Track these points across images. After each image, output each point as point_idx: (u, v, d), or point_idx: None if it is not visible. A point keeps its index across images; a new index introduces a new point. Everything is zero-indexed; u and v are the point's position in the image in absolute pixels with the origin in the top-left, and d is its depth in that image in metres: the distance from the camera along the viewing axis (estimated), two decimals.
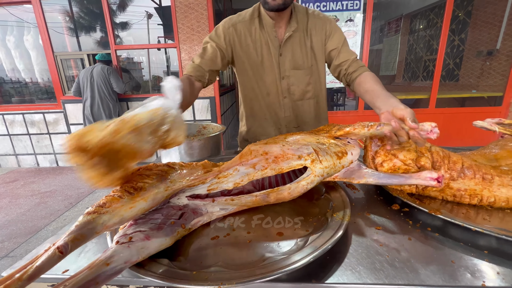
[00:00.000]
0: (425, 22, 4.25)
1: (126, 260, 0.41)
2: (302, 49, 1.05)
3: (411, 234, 0.54)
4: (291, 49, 1.05)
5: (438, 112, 3.16)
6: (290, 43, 1.04)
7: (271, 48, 1.04)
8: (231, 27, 1.03)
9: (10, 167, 4.05)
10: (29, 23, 3.74)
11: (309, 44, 1.05)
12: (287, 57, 1.05)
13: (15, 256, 1.92)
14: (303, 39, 1.04)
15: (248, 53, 1.06)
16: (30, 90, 4.21)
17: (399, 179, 0.60)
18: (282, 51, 1.04)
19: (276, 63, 1.06)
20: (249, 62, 1.07)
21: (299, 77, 1.08)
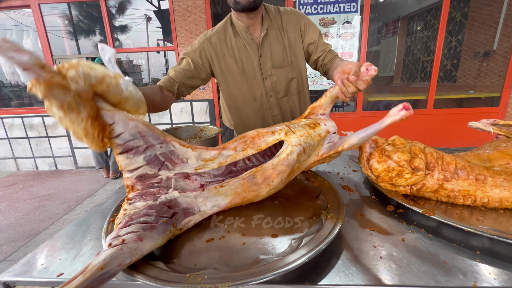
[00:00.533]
0: (422, 24, 4.27)
1: (119, 263, 0.41)
2: (280, 47, 1.05)
3: (405, 235, 0.54)
4: (269, 48, 1.05)
5: (436, 113, 3.17)
6: (268, 42, 1.04)
7: (250, 51, 1.04)
8: (205, 41, 1.04)
9: (9, 171, 4.04)
10: (28, 27, 3.75)
11: (286, 41, 1.06)
12: (267, 57, 1.06)
13: (13, 260, 1.91)
14: (280, 37, 1.05)
15: (226, 63, 1.05)
16: (29, 93, 4.20)
17: (375, 127, 0.60)
18: (261, 52, 1.05)
19: (257, 65, 1.06)
20: (229, 72, 1.07)
21: (281, 74, 1.09)
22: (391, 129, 2.38)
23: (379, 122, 0.59)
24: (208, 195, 0.62)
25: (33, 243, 2.11)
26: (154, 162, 0.61)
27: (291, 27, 1.05)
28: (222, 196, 0.62)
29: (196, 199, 0.62)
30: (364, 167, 0.73)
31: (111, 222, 0.60)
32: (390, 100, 3.75)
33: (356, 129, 0.89)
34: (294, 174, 0.69)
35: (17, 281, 0.47)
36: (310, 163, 0.71)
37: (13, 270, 0.49)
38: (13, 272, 0.49)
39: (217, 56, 1.05)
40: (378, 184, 0.70)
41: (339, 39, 2.96)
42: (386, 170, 0.66)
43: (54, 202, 2.88)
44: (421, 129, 3.21)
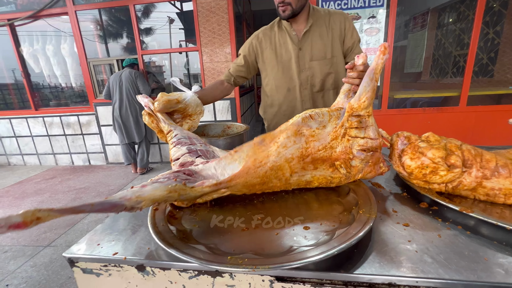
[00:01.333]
0: (454, 16, 4.01)
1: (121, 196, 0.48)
2: (323, 41, 1.15)
3: (441, 232, 0.54)
4: (310, 42, 1.15)
5: (470, 110, 2.97)
6: (310, 36, 1.15)
7: (290, 44, 1.16)
8: (254, 38, 1.23)
9: (49, 165, 4.42)
10: (65, 32, 4.06)
11: (330, 37, 1.15)
12: (306, 50, 1.16)
13: (56, 245, 2.11)
14: (325, 33, 1.15)
15: (267, 55, 1.20)
16: (66, 94, 4.57)
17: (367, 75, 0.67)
18: (301, 46, 1.15)
19: (296, 57, 1.16)
20: (268, 63, 1.21)
21: (318, 68, 1.18)
22: (419, 128, 2.36)
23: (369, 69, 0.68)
24: (225, 163, 0.67)
25: (72, 231, 2.30)
26: (193, 152, 0.72)
27: (337, 26, 1.15)
28: (237, 162, 0.66)
29: (216, 169, 0.67)
30: (395, 163, 0.72)
31: (154, 210, 0.65)
32: (418, 98, 3.58)
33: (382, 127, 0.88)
34: (310, 143, 0.68)
35: (80, 257, 0.54)
36: (329, 133, 0.69)
37: (75, 249, 0.56)
38: (75, 250, 0.55)
39: (261, 49, 1.22)
40: (411, 181, 0.70)
41: (363, 35, 2.88)
42: (419, 167, 0.66)
43: (89, 194, 3.11)
44: (452, 128, 3.03)
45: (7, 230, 0.35)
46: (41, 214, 0.38)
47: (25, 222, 0.36)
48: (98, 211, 0.45)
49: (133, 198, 0.50)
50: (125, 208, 0.49)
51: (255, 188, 0.69)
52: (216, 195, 0.69)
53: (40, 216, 0.38)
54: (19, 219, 0.36)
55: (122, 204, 0.48)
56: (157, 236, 0.53)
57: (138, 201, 0.51)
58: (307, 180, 0.71)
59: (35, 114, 4.18)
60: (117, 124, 3.50)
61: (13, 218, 0.35)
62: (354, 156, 0.68)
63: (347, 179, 0.70)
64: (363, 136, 0.68)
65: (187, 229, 0.60)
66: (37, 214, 0.38)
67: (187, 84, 4.75)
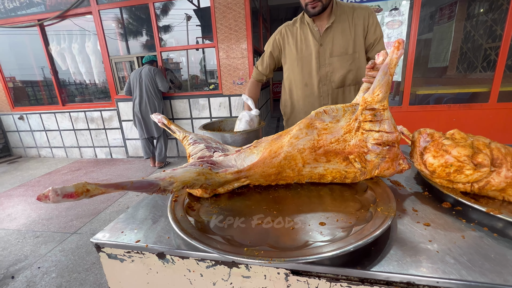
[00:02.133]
0: (486, 5, 3.73)
1: (156, 177, 0.54)
2: (344, 37, 1.14)
3: (465, 233, 0.52)
4: (332, 38, 1.14)
5: (501, 107, 2.78)
6: (331, 33, 1.14)
7: (312, 40, 1.16)
8: (278, 33, 1.25)
9: (75, 158, 4.69)
10: (89, 31, 4.25)
11: (353, 33, 1.13)
12: (327, 46, 1.15)
13: (81, 233, 2.25)
14: (348, 29, 1.13)
15: (289, 50, 1.21)
16: (90, 90, 4.80)
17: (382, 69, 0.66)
18: (322, 41, 1.15)
19: (316, 52, 1.16)
20: (289, 57, 1.22)
21: (338, 64, 1.17)
22: (444, 126, 2.26)
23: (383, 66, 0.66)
24: (244, 156, 0.73)
25: (96, 220, 2.44)
26: (210, 148, 0.76)
27: (360, 21, 1.14)
28: (255, 154, 0.72)
29: (236, 161, 0.72)
30: (417, 161, 0.70)
31: (173, 201, 0.68)
32: (442, 93, 3.39)
33: (403, 125, 0.86)
34: (322, 135, 0.69)
35: (106, 243, 0.57)
36: (342, 127, 0.70)
37: (102, 235, 0.60)
38: (101, 236, 0.59)
39: (284, 44, 1.24)
40: (433, 180, 0.67)
41: (385, 28, 2.76)
42: (443, 165, 0.63)
43: None
44: (481, 126, 2.85)
45: (62, 198, 0.39)
46: (90, 187, 0.43)
47: (77, 192, 0.41)
48: (136, 188, 0.50)
49: (167, 178, 0.54)
50: (159, 188, 0.53)
51: (270, 177, 0.71)
52: (237, 183, 0.72)
53: (89, 188, 0.43)
54: (72, 189, 0.41)
55: (157, 183, 0.52)
56: (176, 226, 0.55)
57: (170, 181, 0.54)
58: (320, 173, 0.70)
59: (63, 110, 4.43)
60: (137, 119, 3.63)
61: (68, 188, 0.40)
62: (369, 150, 0.66)
63: (362, 174, 0.69)
64: (378, 129, 0.66)
65: (204, 221, 0.62)
66: (87, 186, 0.43)
67: (203, 80, 4.82)
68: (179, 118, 4.02)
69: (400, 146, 1.02)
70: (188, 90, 4.53)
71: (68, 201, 0.41)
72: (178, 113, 3.99)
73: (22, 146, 4.89)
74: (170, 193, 0.56)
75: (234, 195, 0.74)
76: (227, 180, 0.65)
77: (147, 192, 0.51)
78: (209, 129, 1.17)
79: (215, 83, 4.19)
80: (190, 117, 3.97)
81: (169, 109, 3.99)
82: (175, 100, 3.93)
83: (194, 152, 0.83)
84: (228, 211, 0.66)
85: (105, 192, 0.46)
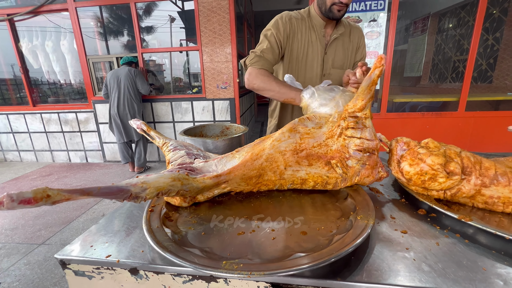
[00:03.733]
0: (455, 21, 4.03)
1: (127, 183, 0.50)
2: (344, 51, 1.16)
3: (439, 240, 0.53)
4: (335, 49, 1.15)
5: (469, 116, 2.98)
6: (335, 44, 1.14)
7: (318, 46, 1.13)
8: (288, 21, 1.09)
9: (46, 162, 4.39)
10: (65, 29, 4.03)
11: (350, 49, 1.17)
12: (330, 56, 1.15)
13: (50, 243, 2.09)
14: (347, 43, 1.16)
15: (295, 46, 1.12)
16: (65, 91, 4.54)
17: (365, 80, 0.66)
18: (327, 50, 1.14)
19: (321, 60, 1.14)
20: (295, 56, 1.13)
21: (337, 76, 1.17)
22: (418, 132, 2.36)
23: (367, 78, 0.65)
24: (225, 161, 0.72)
25: (67, 229, 2.28)
26: (191, 155, 0.74)
27: (355, 39, 1.17)
28: (236, 158, 0.71)
29: (217, 166, 0.71)
30: (394, 169, 0.72)
31: (149, 211, 0.64)
32: (417, 102, 3.59)
33: (381, 131, 0.89)
34: (304, 139, 0.70)
35: (72, 259, 0.53)
36: (324, 132, 0.72)
37: (68, 250, 0.55)
38: (68, 252, 0.54)
39: (293, 37, 1.11)
40: (409, 187, 0.69)
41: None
42: (418, 173, 0.65)
43: None
44: (451, 133, 3.04)
45: (18, 204, 0.35)
46: (51, 192, 0.39)
47: (35, 197, 0.37)
48: (104, 194, 0.46)
49: (139, 184, 0.51)
50: (130, 194, 0.49)
51: (251, 180, 0.70)
52: (217, 190, 0.70)
53: (50, 194, 0.39)
54: (30, 195, 0.36)
55: (128, 189, 0.48)
56: (151, 238, 0.52)
57: (143, 188, 0.51)
58: (302, 177, 0.70)
59: (33, 111, 4.15)
60: (114, 122, 3.48)
61: (25, 194, 0.36)
62: (350, 156, 0.68)
63: (343, 180, 0.70)
64: (359, 136, 0.67)
65: (182, 232, 0.59)
66: (47, 192, 0.38)
67: (187, 83, 4.74)
68: (161, 122, 3.90)
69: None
70: (171, 93, 4.43)
71: (25, 208, 0.37)
72: (160, 116, 3.88)
73: None
74: (143, 200, 0.52)
75: (215, 203, 0.71)
76: (206, 185, 0.62)
77: (117, 198, 0.48)
78: (190, 134, 1.14)
79: (198, 87, 4.13)
80: (172, 121, 3.87)
81: (150, 112, 3.87)
82: (157, 103, 3.82)
83: (173, 159, 0.80)
84: (208, 221, 0.63)
85: (69, 198, 0.42)
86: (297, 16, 1.12)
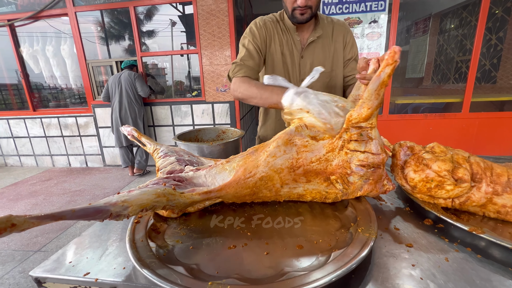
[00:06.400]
0: (457, 21, 3.98)
1: (106, 202, 0.46)
2: (324, 54, 1.08)
3: (448, 254, 0.49)
4: (312, 53, 1.08)
5: (473, 117, 2.92)
6: (313, 47, 1.08)
7: (294, 50, 1.08)
8: (262, 26, 1.06)
9: (46, 166, 4.37)
10: (65, 33, 4.04)
11: (332, 50, 1.09)
12: (308, 60, 1.08)
13: (46, 250, 2.05)
14: (327, 45, 1.09)
15: (274, 49, 1.08)
16: (65, 95, 4.54)
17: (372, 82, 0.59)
18: (303, 54, 1.08)
19: (297, 64, 1.09)
20: (275, 59, 1.09)
21: (317, 80, 1.08)
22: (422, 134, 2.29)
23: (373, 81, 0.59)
24: (215, 172, 0.66)
25: (64, 236, 2.25)
26: (181, 161, 0.70)
27: (340, 37, 1.09)
28: (227, 171, 0.65)
29: (206, 178, 0.66)
30: (397, 176, 0.67)
31: (135, 223, 0.60)
32: (419, 103, 3.53)
33: (383, 133, 0.83)
34: (301, 153, 0.63)
35: (47, 277, 0.49)
36: (324, 145, 0.64)
37: (44, 266, 0.51)
38: (44, 268, 0.50)
39: (269, 40, 1.08)
40: (414, 195, 0.64)
41: (365, 39, 2.85)
42: (423, 180, 0.60)
43: (84, 197, 3.06)
44: (455, 135, 2.97)
45: None
46: (16, 221, 0.35)
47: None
48: (80, 217, 0.42)
49: (119, 203, 0.46)
50: (111, 214, 0.45)
51: (245, 198, 0.66)
52: (208, 202, 0.66)
53: (16, 222, 0.35)
54: None
55: (107, 209, 0.44)
56: (132, 254, 0.48)
57: (124, 206, 0.47)
58: (299, 193, 0.66)
59: (33, 115, 4.15)
60: (116, 126, 3.46)
61: None
62: (352, 171, 0.62)
63: (344, 195, 0.65)
64: (364, 150, 0.61)
65: (169, 246, 0.55)
66: (12, 221, 0.34)
67: (188, 86, 4.73)
68: (161, 125, 3.88)
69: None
70: (171, 96, 4.41)
71: None
72: (160, 120, 3.86)
73: None
74: (126, 218, 0.48)
75: (206, 213, 0.67)
76: (194, 201, 0.58)
77: (95, 220, 0.44)
78: (185, 139, 1.10)
79: (198, 90, 4.11)
80: (172, 124, 3.85)
81: (150, 115, 3.84)
82: (157, 107, 3.80)
83: (163, 166, 0.76)
84: (198, 233, 0.59)
85: (38, 224, 0.38)
86: (272, 19, 1.09)
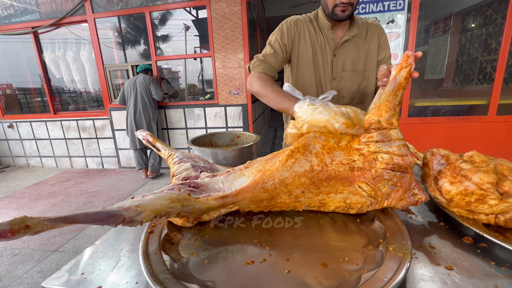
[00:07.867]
0: (480, 20, 3.78)
1: (119, 206, 0.44)
2: (358, 53, 1.07)
3: (497, 281, 0.43)
4: (346, 52, 1.07)
5: (501, 120, 2.74)
6: (346, 46, 1.06)
7: (327, 49, 1.07)
8: (292, 25, 1.07)
9: (65, 167, 4.53)
10: (85, 39, 4.20)
11: (366, 50, 1.07)
12: (340, 60, 1.07)
13: (63, 251, 2.09)
14: (362, 45, 1.07)
15: (304, 48, 1.08)
16: (83, 99, 4.70)
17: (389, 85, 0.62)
18: (336, 53, 1.06)
19: (330, 63, 1.07)
20: (302, 58, 1.09)
21: (350, 80, 1.09)
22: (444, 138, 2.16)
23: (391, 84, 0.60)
24: (233, 178, 0.63)
25: (80, 237, 2.29)
26: (197, 167, 0.69)
27: (374, 38, 1.08)
28: (245, 176, 0.62)
29: (224, 183, 0.63)
30: (430, 187, 0.61)
31: (148, 233, 0.58)
32: (440, 106, 3.37)
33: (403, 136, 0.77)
34: (321, 157, 0.60)
35: None
36: (344, 148, 0.60)
37: (57, 278, 0.49)
38: (56, 280, 0.49)
39: (299, 40, 1.08)
40: (450, 209, 0.58)
41: None
42: (462, 193, 0.54)
43: (100, 198, 3.13)
44: (481, 139, 2.80)
45: None
46: (30, 222, 0.34)
47: (12, 230, 0.32)
48: (93, 221, 0.40)
49: (132, 207, 0.44)
50: (124, 219, 0.43)
51: (262, 203, 0.62)
52: (224, 210, 0.63)
53: (30, 224, 0.34)
54: (6, 227, 0.32)
55: (120, 214, 0.42)
56: (146, 269, 0.45)
57: (138, 211, 0.45)
58: (320, 200, 0.61)
59: (54, 118, 4.32)
60: (130, 129, 3.53)
61: (1, 226, 0.32)
62: (377, 175, 0.57)
63: (370, 205, 0.60)
64: (387, 151, 0.57)
65: (183, 259, 0.52)
66: (26, 222, 0.34)
67: (201, 89, 4.77)
68: (174, 128, 3.92)
69: None
70: (185, 99, 4.46)
71: (3, 240, 0.32)
72: (173, 123, 3.90)
73: (10, 155, 4.73)
74: (140, 224, 0.46)
75: (222, 222, 0.64)
76: (210, 207, 0.55)
77: (108, 224, 0.42)
78: (199, 144, 1.08)
79: (211, 93, 4.13)
80: (185, 127, 3.88)
81: (164, 118, 3.90)
82: (170, 110, 3.85)
83: (178, 172, 0.74)
84: (213, 245, 0.56)
85: (52, 227, 0.37)
86: (305, 19, 1.09)
